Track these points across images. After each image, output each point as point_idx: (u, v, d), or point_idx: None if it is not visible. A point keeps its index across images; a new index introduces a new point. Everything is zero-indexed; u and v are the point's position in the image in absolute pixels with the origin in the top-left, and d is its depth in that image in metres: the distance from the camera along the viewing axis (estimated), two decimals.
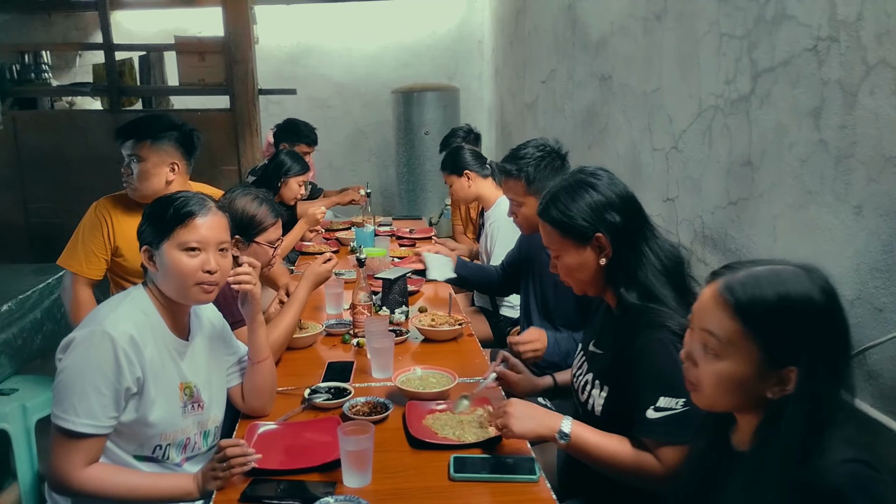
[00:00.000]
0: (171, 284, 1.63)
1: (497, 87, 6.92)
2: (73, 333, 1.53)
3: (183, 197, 1.63)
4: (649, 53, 3.21)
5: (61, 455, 1.50)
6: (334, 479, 1.59)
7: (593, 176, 1.69)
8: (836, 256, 1.99)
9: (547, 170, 2.46)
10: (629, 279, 1.61)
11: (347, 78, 7.54)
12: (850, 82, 1.90)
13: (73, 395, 1.49)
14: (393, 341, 2.15)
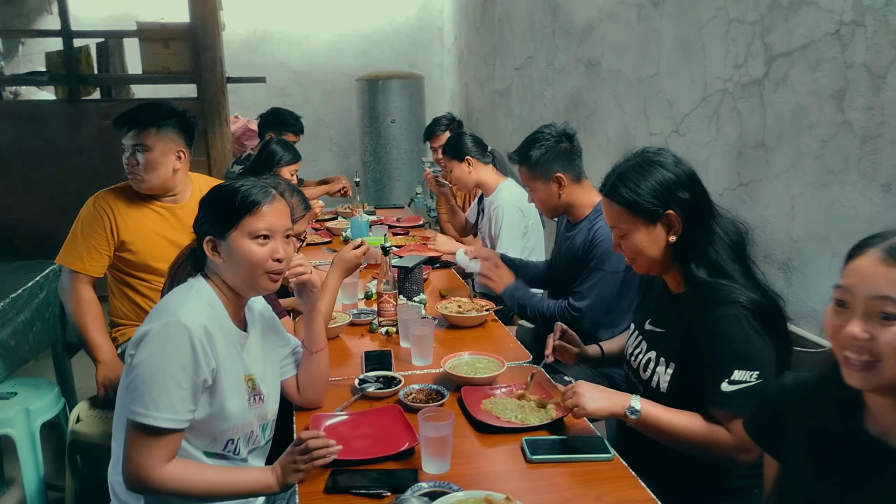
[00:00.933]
0: (239, 274, 1.58)
1: (461, 74, 6.92)
2: (146, 326, 1.46)
3: (247, 185, 1.58)
4: (645, 40, 3.27)
5: (141, 453, 1.44)
6: (414, 467, 1.57)
7: (659, 154, 1.71)
8: (863, 233, 2.06)
9: (550, 154, 2.47)
10: (699, 256, 1.64)
11: (306, 66, 7.41)
12: (878, 65, 1.98)
13: (153, 390, 1.42)
14: (433, 328, 2.13)
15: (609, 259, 2.36)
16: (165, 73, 5.03)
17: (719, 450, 1.57)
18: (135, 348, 1.46)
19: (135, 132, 2.46)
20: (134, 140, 2.47)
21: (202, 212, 1.60)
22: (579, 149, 2.57)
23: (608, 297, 2.40)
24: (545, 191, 2.49)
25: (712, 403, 1.57)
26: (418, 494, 1.43)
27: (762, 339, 1.55)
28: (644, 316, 1.87)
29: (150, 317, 1.52)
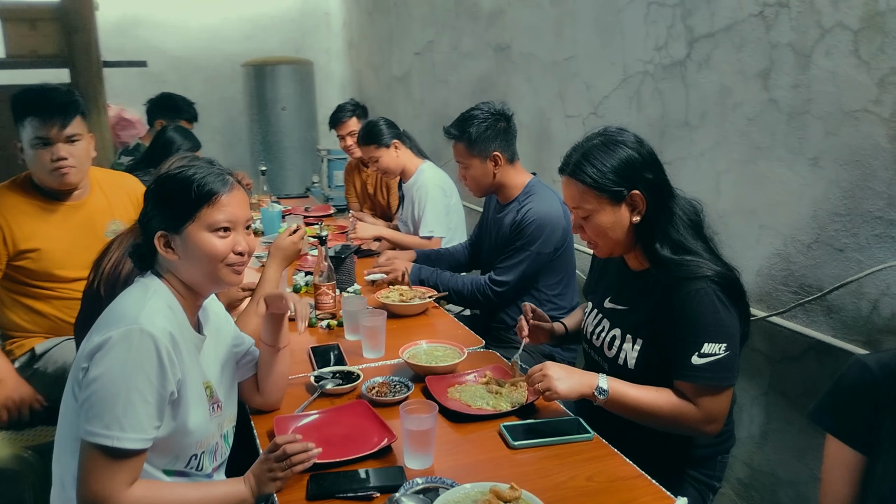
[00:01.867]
0: (198, 270, 1.42)
1: (352, 60, 6.76)
2: (101, 335, 1.28)
3: (200, 172, 1.41)
4: (559, 23, 3.29)
5: (102, 477, 1.25)
6: (396, 464, 1.49)
7: (621, 134, 1.70)
8: (792, 205, 2.18)
9: (489, 131, 2.45)
10: (663, 235, 1.66)
11: (185, 51, 6.98)
12: (804, 44, 2.08)
13: (117, 407, 1.24)
14: (385, 319, 2.04)
15: (537, 240, 2.38)
16: (33, 56, 4.55)
17: (686, 423, 1.59)
18: (88, 361, 1.28)
19: (61, 121, 2.17)
20: (60, 130, 2.18)
21: (150, 204, 1.44)
22: (515, 129, 2.56)
23: (530, 277, 2.42)
24: (481, 168, 2.47)
25: (681, 376, 1.59)
26: (412, 492, 1.36)
27: (729, 312, 1.59)
28: (603, 294, 1.87)
29: (101, 324, 1.34)
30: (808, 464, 2.22)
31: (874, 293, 1.95)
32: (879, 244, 1.92)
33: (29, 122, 2.17)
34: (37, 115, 2.17)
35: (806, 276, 2.15)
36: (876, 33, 1.86)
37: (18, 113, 2.20)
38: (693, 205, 1.73)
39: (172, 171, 1.44)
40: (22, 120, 2.19)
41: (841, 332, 2.06)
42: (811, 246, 2.13)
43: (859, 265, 1.98)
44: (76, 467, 1.34)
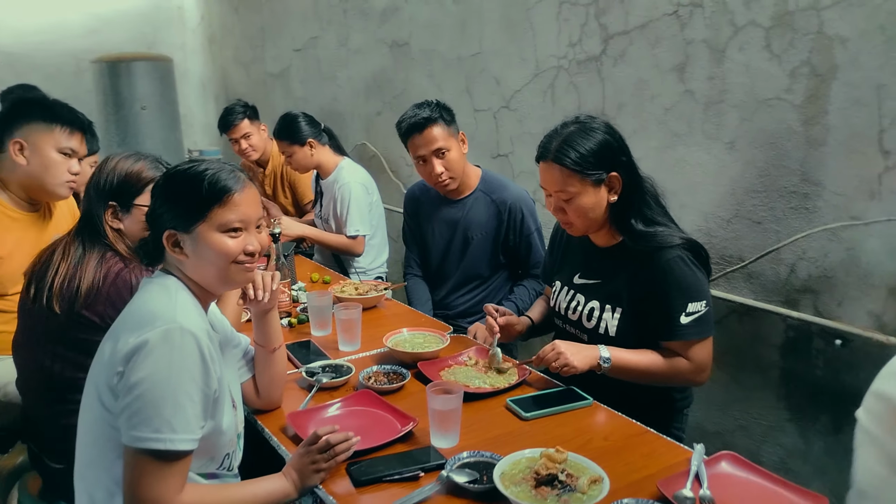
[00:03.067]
0: (208, 271, 1.36)
1: (215, 57, 6.48)
2: (136, 337, 1.20)
3: (212, 169, 1.35)
4: (463, 21, 3.40)
5: (156, 484, 1.18)
6: (423, 445, 1.52)
7: (593, 121, 1.82)
8: (710, 185, 2.44)
9: (448, 113, 2.50)
10: (636, 212, 1.81)
11: (20, 48, 6.35)
12: (718, 41, 2.33)
13: (165, 409, 1.18)
14: (360, 312, 2.04)
15: (536, 219, 2.54)
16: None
17: (680, 375, 1.76)
18: (124, 365, 1.20)
19: (87, 138, 2.21)
20: (84, 146, 2.19)
21: (159, 201, 1.36)
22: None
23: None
24: (458, 151, 2.50)
25: (672, 336, 1.75)
26: (458, 467, 1.40)
27: (701, 272, 1.78)
28: (570, 272, 1.99)
29: (128, 326, 1.25)
30: (732, 415, 2.50)
31: (791, 258, 2.23)
32: (795, 215, 2.20)
33: (60, 131, 2.11)
34: (73, 127, 2.13)
35: (727, 248, 2.41)
36: (786, 30, 2.13)
37: (45, 116, 2.11)
38: (651, 181, 1.89)
39: (182, 167, 1.38)
40: (50, 124, 2.10)
41: (761, 296, 2.34)
42: (731, 221, 2.39)
43: (777, 235, 2.26)
44: (107, 480, 1.26)
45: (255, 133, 3.76)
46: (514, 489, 1.29)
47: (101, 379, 1.26)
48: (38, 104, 2.16)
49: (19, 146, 2.10)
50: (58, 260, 1.71)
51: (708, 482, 1.35)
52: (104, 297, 1.63)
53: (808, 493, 1.32)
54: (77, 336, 1.66)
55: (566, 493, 1.28)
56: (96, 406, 1.27)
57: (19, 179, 2.13)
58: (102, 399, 1.25)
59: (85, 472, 1.31)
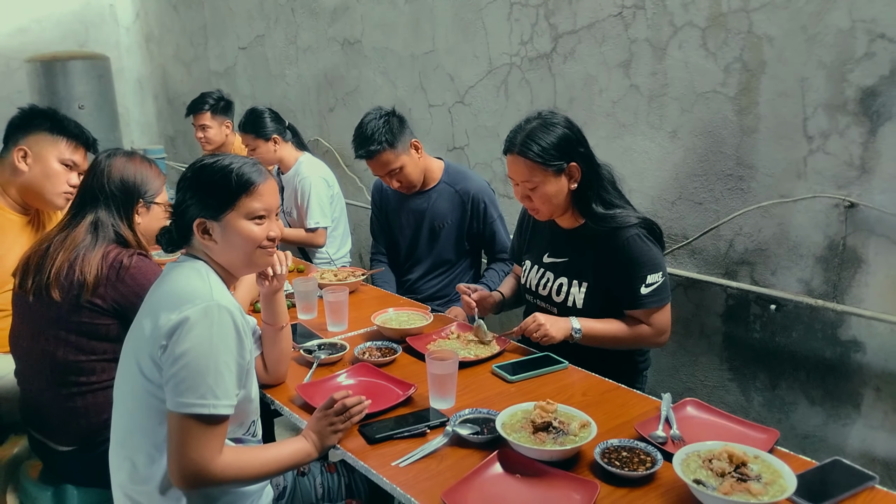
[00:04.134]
0: (235, 255, 1.48)
1: (153, 55, 6.42)
2: (177, 314, 1.31)
3: (237, 162, 1.47)
4: (416, 19, 3.56)
5: (202, 446, 1.29)
6: (425, 407, 1.68)
7: (554, 116, 2.01)
8: (655, 170, 2.68)
9: (395, 128, 2.58)
10: (595, 196, 2.01)
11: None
12: (659, 39, 2.57)
13: (209, 377, 1.29)
14: (347, 294, 2.18)
15: (496, 207, 2.70)
16: None
17: (644, 339, 1.98)
18: (167, 339, 1.32)
19: (84, 150, 2.24)
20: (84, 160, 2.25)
21: (189, 192, 1.47)
22: (407, 120, 2.69)
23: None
24: (411, 162, 2.60)
25: (633, 306, 1.97)
26: (461, 422, 1.57)
27: (657, 247, 2.00)
28: (539, 252, 2.19)
29: (166, 305, 1.36)
30: (680, 379, 2.75)
31: (729, 234, 2.49)
32: (732, 196, 2.46)
33: (65, 143, 2.20)
34: (78, 141, 2.22)
35: (672, 228, 2.66)
36: (720, 30, 2.38)
37: (53, 127, 2.19)
38: (608, 168, 2.10)
39: (208, 162, 1.49)
40: (56, 135, 2.18)
41: (704, 269, 2.59)
42: (675, 203, 2.64)
43: (716, 214, 2.51)
44: (147, 446, 1.38)
45: (214, 127, 3.77)
46: (516, 436, 1.46)
47: (143, 352, 1.36)
48: (49, 116, 2.23)
49: (23, 153, 2.16)
50: (55, 252, 1.79)
51: (676, 423, 1.56)
52: (112, 283, 1.73)
53: (762, 427, 1.54)
54: (80, 321, 1.74)
55: (561, 436, 1.47)
56: (137, 377, 1.37)
57: (18, 185, 2.19)
58: (144, 371, 1.36)
59: (125, 440, 1.42)
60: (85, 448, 1.80)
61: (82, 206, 1.86)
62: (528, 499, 1.34)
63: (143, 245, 1.83)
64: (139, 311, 1.46)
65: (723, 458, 1.33)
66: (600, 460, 1.40)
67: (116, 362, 1.52)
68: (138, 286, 1.71)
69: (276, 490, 1.67)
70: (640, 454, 1.44)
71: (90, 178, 1.87)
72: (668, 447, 1.46)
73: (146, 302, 1.45)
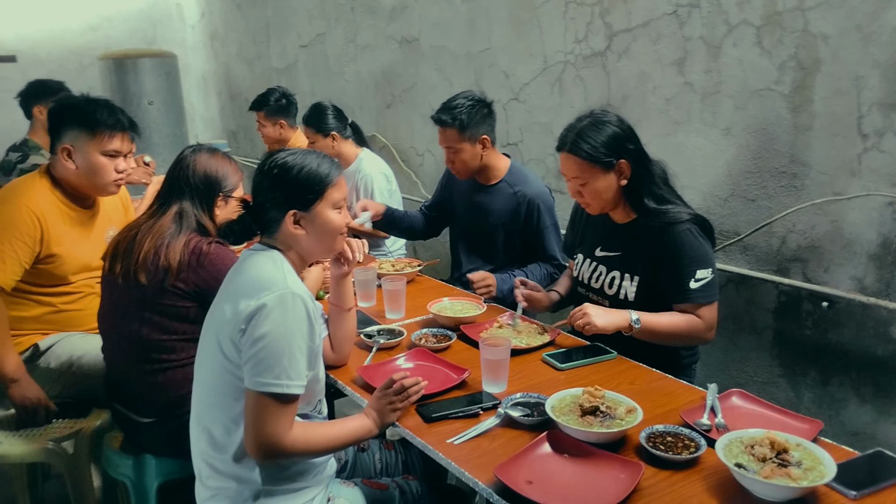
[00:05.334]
0: (321, 243, 1.62)
1: (217, 53, 6.66)
2: (256, 300, 1.43)
3: (318, 157, 1.61)
4: (472, 18, 3.64)
5: (275, 421, 1.42)
6: (478, 390, 1.77)
7: (605, 115, 2.08)
8: (708, 167, 2.71)
9: (478, 116, 2.68)
10: (647, 192, 2.06)
11: (22, 44, 6.49)
12: (714, 38, 2.59)
13: (283, 359, 1.41)
14: (405, 284, 2.29)
15: (553, 213, 2.72)
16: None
17: (696, 333, 2.02)
18: (246, 323, 1.44)
19: (130, 137, 2.32)
20: (129, 145, 2.34)
21: (280, 188, 1.57)
22: (495, 115, 2.80)
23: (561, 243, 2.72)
24: (471, 152, 2.68)
25: (683, 300, 2.01)
26: (512, 405, 1.66)
27: (707, 243, 2.04)
28: (592, 246, 2.25)
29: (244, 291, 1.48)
30: (730, 374, 2.78)
31: (782, 231, 2.51)
32: (785, 193, 2.48)
33: (102, 135, 2.24)
34: (114, 129, 2.26)
35: (724, 224, 2.68)
36: (775, 28, 2.40)
37: (86, 122, 2.23)
38: (661, 165, 2.15)
39: (290, 159, 1.59)
40: (92, 129, 2.22)
41: (755, 266, 2.62)
42: (727, 199, 2.66)
43: (769, 211, 2.53)
44: (224, 418, 1.50)
45: (268, 126, 3.90)
46: (565, 418, 1.54)
47: (224, 334, 1.49)
48: (79, 110, 2.26)
49: (67, 152, 2.25)
50: (142, 238, 1.94)
51: (721, 413, 1.62)
52: (193, 268, 1.86)
53: (805, 418, 1.59)
54: (164, 303, 1.89)
55: (608, 419, 1.54)
56: (217, 356, 1.50)
57: (72, 180, 2.31)
58: (224, 351, 1.49)
59: (204, 412, 1.55)
60: (164, 420, 1.95)
61: (168, 196, 2.00)
62: (575, 476, 1.42)
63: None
64: (218, 295, 1.59)
65: (764, 445, 1.38)
66: (645, 444, 1.47)
67: (195, 342, 1.66)
68: (216, 271, 1.84)
69: (339, 463, 1.79)
70: (684, 439, 1.50)
71: (176, 171, 2.01)
72: (711, 434, 1.52)
73: (225, 287, 1.58)
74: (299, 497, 1.56)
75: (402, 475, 1.84)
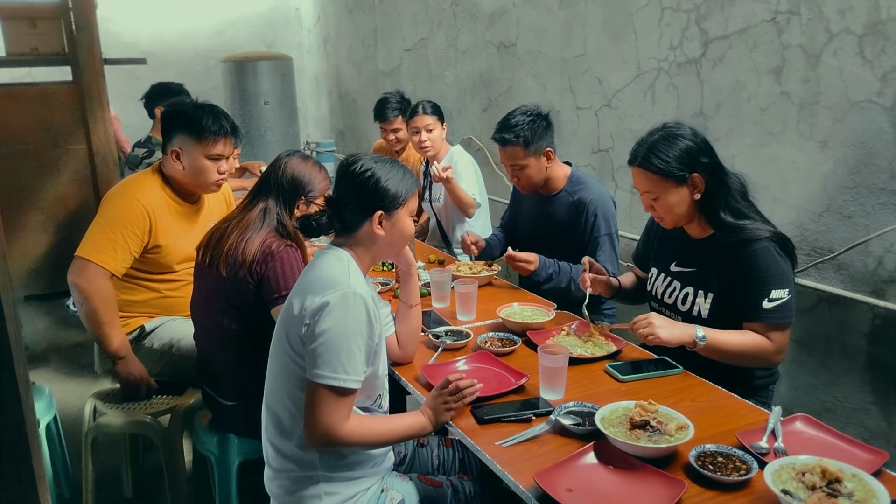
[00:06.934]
0: (394, 245, 1.73)
1: (329, 55, 6.95)
2: (321, 298, 1.53)
3: (401, 165, 1.73)
4: (569, 24, 3.64)
5: (332, 412, 1.52)
6: (533, 396, 1.81)
7: (679, 128, 2.05)
8: (802, 181, 2.60)
9: (539, 129, 2.68)
10: (724, 206, 2.02)
11: (156, 47, 7.03)
12: (813, 46, 2.48)
13: (342, 355, 1.51)
14: (476, 287, 2.35)
15: (611, 222, 2.67)
16: (34, 54, 4.61)
17: (764, 355, 1.95)
18: (311, 319, 1.54)
19: (224, 139, 2.46)
20: (230, 148, 2.51)
21: (371, 190, 1.66)
22: (553, 125, 2.78)
23: (616, 255, 2.72)
24: (536, 166, 2.69)
25: (754, 319, 1.95)
26: (565, 413, 1.68)
27: (786, 263, 1.96)
28: (667, 261, 2.21)
29: (311, 288, 1.58)
30: (818, 398, 2.65)
31: (879, 251, 2.37)
32: (883, 210, 2.35)
33: (207, 141, 2.41)
34: (218, 135, 2.42)
35: (818, 240, 2.57)
36: (878, 38, 2.28)
37: (193, 129, 2.41)
38: (739, 178, 2.08)
39: (378, 165, 1.69)
40: (198, 135, 2.40)
41: (850, 286, 2.49)
42: (822, 215, 2.55)
43: (866, 229, 2.40)
44: (291, 406, 1.61)
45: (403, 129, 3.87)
46: (613, 430, 1.55)
47: (292, 327, 1.60)
48: (187, 117, 2.43)
49: (176, 154, 2.45)
50: (231, 231, 2.09)
51: (783, 437, 1.57)
52: (259, 263, 1.99)
53: (871, 448, 1.52)
54: (238, 295, 2.02)
55: (656, 434, 1.53)
56: (285, 348, 1.61)
57: (179, 179, 2.51)
58: (291, 343, 1.60)
59: (273, 398, 1.67)
60: (245, 404, 2.09)
61: (258, 193, 2.15)
62: (616, 488, 1.43)
63: (298, 236, 2.08)
64: (292, 291, 1.70)
65: (815, 473, 1.34)
66: (694, 462, 1.46)
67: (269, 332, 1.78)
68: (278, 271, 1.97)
69: (398, 456, 1.87)
70: (735, 461, 1.47)
71: (270, 170, 2.15)
72: (768, 458, 1.48)
73: (298, 283, 1.69)
74: (355, 485, 1.65)
75: (458, 474, 1.89)
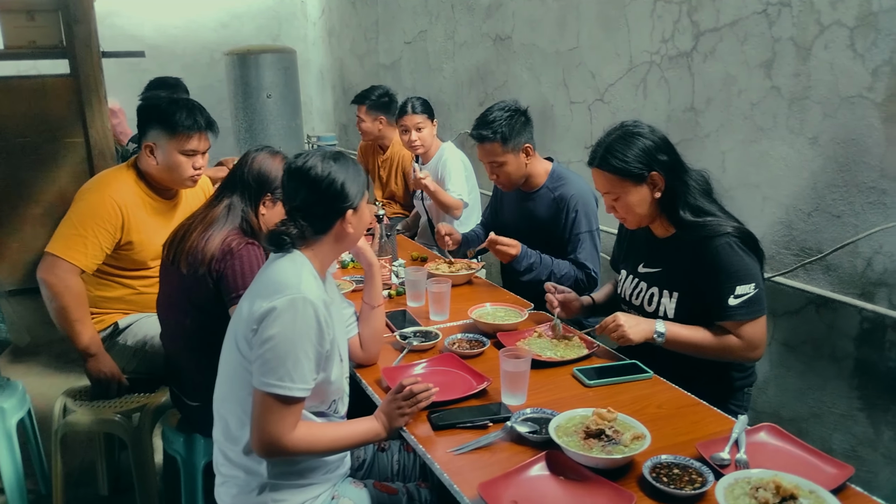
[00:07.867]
0: (357, 236, 1.72)
1: (333, 48, 6.91)
2: (268, 303, 1.48)
3: (344, 156, 1.68)
4: (563, 16, 3.56)
5: (276, 421, 1.48)
6: (494, 401, 1.75)
7: (636, 126, 1.99)
8: (792, 178, 2.51)
9: (517, 126, 2.62)
10: (683, 204, 1.95)
11: (162, 39, 7.02)
12: (805, 39, 2.39)
13: (287, 362, 1.47)
14: (449, 286, 2.29)
15: (591, 219, 2.61)
16: (31, 47, 4.61)
17: (732, 352, 1.90)
18: (258, 324, 1.49)
19: (207, 136, 2.44)
20: (205, 144, 2.46)
21: (336, 195, 1.62)
22: (532, 121, 2.73)
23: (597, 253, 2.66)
24: (515, 162, 2.62)
25: (722, 317, 1.89)
26: (522, 420, 1.62)
27: (750, 258, 1.90)
28: (635, 262, 2.15)
29: (261, 292, 1.53)
30: (806, 403, 2.57)
31: (868, 252, 2.29)
32: (873, 210, 2.26)
33: (180, 136, 2.37)
34: (191, 130, 2.37)
35: (806, 240, 2.48)
36: (870, 30, 2.18)
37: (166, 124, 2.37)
38: (702, 175, 2.03)
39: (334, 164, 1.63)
40: (171, 130, 2.36)
41: (838, 287, 2.40)
42: (811, 214, 2.46)
43: (855, 229, 2.31)
44: (238, 411, 1.57)
45: (367, 121, 3.90)
46: (566, 439, 1.49)
47: (240, 331, 1.55)
48: (161, 111, 2.39)
49: (150, 149, 2.41)
50: (194, 228, 2.05)
51: (745, 448, 1.50)
52: (218, 261, 1.94)
53: (837, 462, 1.45)
54: (199, 293, 1.98)
55: (610, 444, 1.47)
56: (235, 352, 1.57)
57: (154, 174, 2.47)
58: (240, 347, 1.55)
59: (222, 403, 1.63)
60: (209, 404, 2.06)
61: (224, 189, 2.10)
62: (562, 500, 1.37)
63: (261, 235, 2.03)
64: (245, 292, 1.65)
65: (769, 488, 1.28)
66: (647, 474, 1.40)
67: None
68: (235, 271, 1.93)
69: (357, 461, 1.83)
70: (692, 473, 1.41)
71: (237, 166, 2.11)
72: (728, 470, 1.42)
73: (251, 285, 1.65)
74: (304, 493, 1.61)
75: (417, 481, 1.84)
